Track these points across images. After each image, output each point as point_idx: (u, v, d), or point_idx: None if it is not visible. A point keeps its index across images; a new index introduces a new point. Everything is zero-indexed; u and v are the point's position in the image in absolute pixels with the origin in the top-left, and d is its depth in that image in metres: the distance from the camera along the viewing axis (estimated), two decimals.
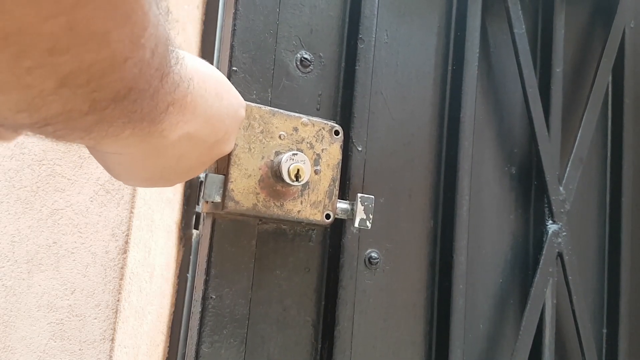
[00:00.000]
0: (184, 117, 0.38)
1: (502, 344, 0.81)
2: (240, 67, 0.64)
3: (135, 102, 0.30)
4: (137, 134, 0.34)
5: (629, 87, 0.95)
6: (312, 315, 0.68)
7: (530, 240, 0.85)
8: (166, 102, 0.34)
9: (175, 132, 0.38)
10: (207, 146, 0.44)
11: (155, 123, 0.35)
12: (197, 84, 0.39)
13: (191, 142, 0.42)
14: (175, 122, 0.37)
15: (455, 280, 0.74)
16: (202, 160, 0.46)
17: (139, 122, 0.33)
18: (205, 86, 0.42)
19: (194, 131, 0.41)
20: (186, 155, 0.43)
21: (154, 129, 0.36)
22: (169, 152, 0.41)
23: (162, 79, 0.32)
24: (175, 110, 0.36)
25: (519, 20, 0.82)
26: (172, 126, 0.37)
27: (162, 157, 0.41)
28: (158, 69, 0.31)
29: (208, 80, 0.42)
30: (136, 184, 0.47)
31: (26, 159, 0.82)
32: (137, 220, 0.75)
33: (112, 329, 0.72)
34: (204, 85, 0.41)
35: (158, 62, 0.31)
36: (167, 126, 0.37)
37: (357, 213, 0.63)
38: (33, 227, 0.80)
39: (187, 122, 0.39)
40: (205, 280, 0.60)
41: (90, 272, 0.76)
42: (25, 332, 0.78)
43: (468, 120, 0.77)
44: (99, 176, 0.78)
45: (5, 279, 0.81)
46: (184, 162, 0.44)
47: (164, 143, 0.38)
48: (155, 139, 0.37)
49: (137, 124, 0.33)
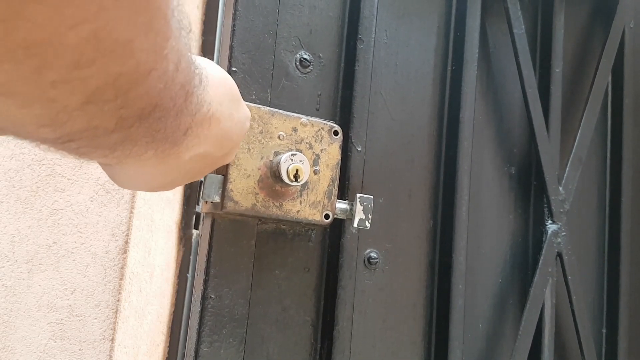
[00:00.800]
0: (199, 140, 0.38)
1: (502, 343, 0.81)
2: (239, 68, 0.64)
3: (159, 121, 0.30)
4: (158, 155, 0.34)
5: (628, 87, 0.95)
6: (312, 315, 0.68)
7: (530, 240, 0.85)
8: (187, 124, 0.34)
9: (189, 153, 0.38)
10: (214, 160, 0.44)
11: (176, 145, 0.35)
12: (215, 106, 0.39)
13: (201, 159, 0.42)
14: (192, 145, 0.37)
15: (454, 280, 0.74)
16: (205, 171, 0.46)
17: (162, 143, 0.32)
18: (222, 109, 0.41)
19: (204, 151, 0.41)
20: (194, 169, 0.43)
21: (173, 151, 0.35)
22: (180, 169, 0.40)
23: (187, 98, 0.32)
24: (193, 132, 0.36)
25: (518, 21, 0.82)
26: (188, 149, 0.37)
27: (172, 173, 0.40)
28: (182, 87, 0.31)
29: (224, 102, 0.42)
30: (137, 190, 0.47)
31: (26, 159, 0.82)
32: (137, 220, 0.75)
33: (112, 329, 0.72)
34: (221, 108, 0.41)
35: (182, 78, 0.30)
36: (184, 149, 0.36)
37: (356, 213, 0.63)
38: (33, 227, 0.80)
39: (201, 144, 0.39)
40: (205, 280, 0.61)
41: (90, 272, 0.76)
42: (25, 332, 0.78)
43: (467, 121, 0.77)
44: (99, 176, 0.78)
45: (5, 279, 0.81)
46: (190, 175, 0.44)
47: (177, 163, 0.38)
48: (172, 159, 0.37)
49: (160, 144, 0.33)
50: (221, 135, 0.42)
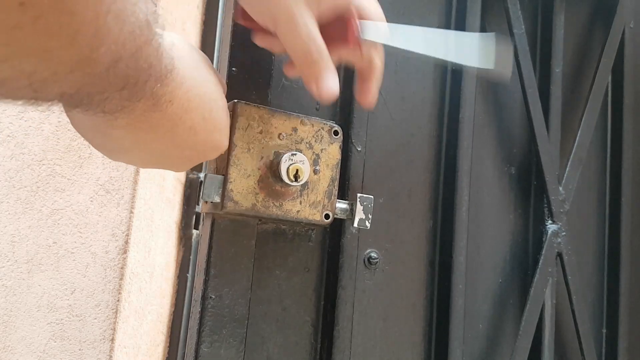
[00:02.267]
0: (177, 101, 0.40)
1: (502, 343, 0.81)
2: (239, 67, 0.64)
3: (115, 66, 0.31)
4: (137, 113, 0.37)
5: (628, 87, 0.95)
6: (312, 315, 0.68)
7: (530, 240, 0.85)
8: (152, 74, 0.36)
9: (172, 117, 0.41)
10: (204, 137, 0.46)
11: (152, 102, 0.37)
12: (185, 65, 0.41)
13: (188, 130, 0.44)
14: (170, 106, 0.40)
15: (454, 280, 0.74)
16: (198, 150, 0.47)
17: (133, 96, 0.35)
18: (194, 72, 0.43)
19: (189, 121, 0.43)
20: (185, 143, 0.45)
21: (152, 110, 0.38)
22: (169, 139, 0.43)
23: (142, 44, 0.33)
24: (166, 91, 0.38)
25: (518, 21, 0.82)
26: (167, 110, 0.40)
27: (160, 142, 0.43)
28: (132, 33, 0.31)
29: (195, 65, 0.44)
30: (133, 163, 0.48)
31: (26, 159, 0.82)
32: (137, 221, 0.75)
33: (112, 329, 0.72)
34: (192, 71, 0.43)
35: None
36: (163, 110, 0.39)
37: (356, 213, 0.63)
38: (33, 227, 0.80)
39: (182, 108, 0.41)
40: (205, 280, 0.61)
41: (90, 272, 0.76)
42: (25, 332, 0.78)
43: (467, 120, 0.77)
44: (99, 176, 0.78)
45: (5, 279, 0.81)
46: (182, 150, 0.46)
47: (162, 128, 0.41)
48: (155, 121, 0.40)
49: (131, 97, 0.35)
50: (201, 102, 0.44)
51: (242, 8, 0.54)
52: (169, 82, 0.39)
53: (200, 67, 0.45)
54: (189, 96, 0.42)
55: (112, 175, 0.76)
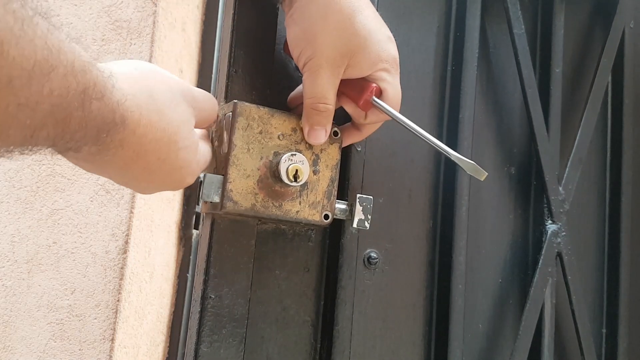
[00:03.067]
0: (122, 141, 0.42)
1: (502, 343, 0.81)
2: (240, 68, 0.64)
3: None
4: (87, 154, 0.40)
5: (628, 87, 0.95)
6: (311, 315, 0.68)
7: (530, 240, 0.85)
8: (91, 122, 0.37)
9: (120, 153, 0.43)
10: (164, 166, 0.47)
11: (98, 145, 0.40)
12: (132, 104, 0.42)
13: (141, 165, 0.45)
14: (115, 145, 0.41)
15: (454, 280, 0.74)
16: (160, 178, 0.49)
17: (75, 142, 0.38)
18: (144, 107, 0.44)
19: (139, 153, 0.44)
20: (142, 173, 0.46)
21: (98, 149, 0.41)
22: (121, 169, 0.45)
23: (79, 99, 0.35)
24: (111, 132, 0.40)
25: (518, 21, 0.82)
26: (113, 148, 0.41)
27: (116, 172, 0.45)
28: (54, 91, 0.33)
29: (144, 99, 0.44)
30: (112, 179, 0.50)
31: (26, 159, 0.82)
32: (137, 220, 0.75)
33: (112, 329, 0.72)
34: (143, 107, 0.44)
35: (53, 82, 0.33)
36: (108, 147, 0.41)
37: (355, 213, 0.63)
38: (33, 227, 0.80)
39: (128, 144, 0.43)
40: (204, 280, 0.61)
41: (90, 272, 0.76)
42: (25, 332, 0.78)
43: (467, 121, 0.77)
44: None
45: (5, 279, 0.81)
46: (142, 177, 0.47)
47: (111, 162, 0.43)
48: (103, 157, 0.42)
49: (75, 144, 0.38)
50: (157, 145, 0.45)
51: (286, 41, 0.59)
52: (117, 132, 0.40)
53: (162, 110, 0.46)
54: (142, 141, 0.43)
55: None
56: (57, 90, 0.33)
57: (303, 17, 0.55)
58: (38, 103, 0.32)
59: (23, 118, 0.32)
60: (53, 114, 0.33)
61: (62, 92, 0.33)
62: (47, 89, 0.32)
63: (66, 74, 0.33)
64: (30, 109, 0.32)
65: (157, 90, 0.45)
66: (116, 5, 0.78)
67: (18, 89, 0.30)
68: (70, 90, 0.34)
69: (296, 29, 0.56)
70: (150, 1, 0.76)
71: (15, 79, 0.30)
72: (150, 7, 0.76)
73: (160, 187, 0.51)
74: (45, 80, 0.32)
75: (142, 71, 0.45)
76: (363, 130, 0.63)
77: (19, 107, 0.31)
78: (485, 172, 0.61)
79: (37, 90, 0.32)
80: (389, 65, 0.58)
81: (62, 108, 0.34)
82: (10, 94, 0.30)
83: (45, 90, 0.32)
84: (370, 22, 0.56)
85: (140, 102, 0.43)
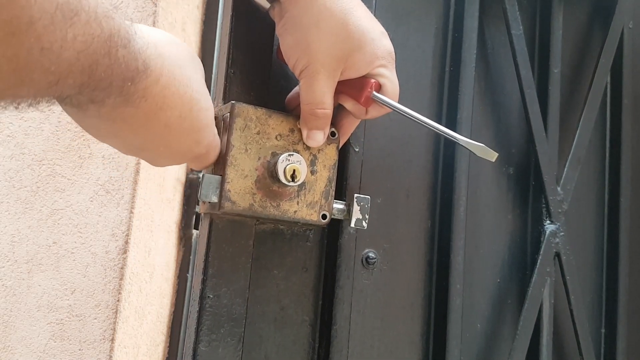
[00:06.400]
0: (151, 97, 0.42)
1: (500, 343, 0.81)
2: (238, 68, 0.64)
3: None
4: (112, 105, 0.40)
5: (627, 87, 0.95)
6: (310, 315, 0.68)
7: (528, 240, 0.85)
8: (124, 73, 0.38)
9: (145, 108, 0.42)
10: (184, 132, 0.47)
11: (126, 98, 0.40)
12: (162, 64, 0.42)
13: (164, 125, 0.45)
14: (144, 100, 0.41)
15: (452, 280, 0.74)
16: (177, 146, 0.49)
17: (105, 91, 0.38)
18: (175, 70, 0.44)
19: (165, 113, 0.44)
20: (162, 136, 0.46)
21: (125, 103, 0.40)
22: (144, 130, 0.45)
23: (111, 46, 0.36)
24: (140, 87, 0.40)
25: (516, 21, 0.82)
26: (141, 103, 0.41)
27: (138, 133, 0.45)
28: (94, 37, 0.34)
29: (176, 64, 0.45)
30: (116, 147, 0.50)
31: (26, 159, 0.83)
32: (137, 221, 0.75)
33: (112, 329, 0.72)
34: (173, 69, 0.44)
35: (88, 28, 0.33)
36: (137, 102, 0.41)
37: (353, 213, 0.63)
38: (33, 227, 0.81)
39: (156, 103, 0.43)
40: (203, 279, 0.61)
41: (90, 272, 0.76)
42: (25, 332, 0.78)
43: (465, 121, 0.77)
44: (99, 176, 0.78)
45: (5, 279, 0.82)
46: (161, 142, 0.47)
47: (137, 118, 0.43)
48: (129, 112, 0.42)
49: (104, 93, 0.38)
50: (179, 101, 0.45)
51: (279, 48, 0.60)
52: (141, 80, 0.40)
53: (184, 66, 0.46)
54: (165, 94, 0.43)
55: (112, 175, 0.77)
56: (81, 36, 0.33)
57: (295, 26, 0.55)
58: (63, 49, 0.32)
59: (47, 64, 0.32)
60: (79, 61, 0.33)
61: (87, 38, 0.33)
62: (71, 35, 0.32)
63: (89, 20, 0.33)
64: (55, 55, 0.32)
65: (177, 48, 0.46)
66: (116, 6, 0.79)
67: (41, 33, 0.30)
68: (95, 37, 0.34)
69: (290, 38, 0.56)
70: (150, 1, 0.77)
71: (36, 21, 0.30)
72: (150, 7, 0.77)
73: (174, 154, 0.51)
74: (68, 25, 0.32)
75: (162, 31, 0.46)
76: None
77: (42, 52, 0.31)
78: (495, 152, 0.61)
79: (61, 36, 0.32)
80: (386, 60, 0.59)
81: (88, 55, 0.34)
82: (32, 36, 0.30)
83: (69, 35, 0.32)
84: (362, 21, 0.56)
85: (161, 52, 0.43)
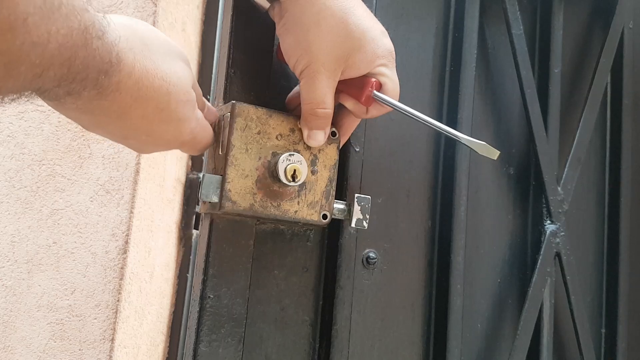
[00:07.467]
0: (119, 87, 0.43)
1: (500, 343, 0.81)
2: (238, 68, 0.64)
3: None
4: (86, 98, 0.41)
5: (627, 87, 0.95)
6: (310, 315, 0.68)
7: (529, 240, 0.85)
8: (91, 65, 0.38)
9: (119, 99, 0.43)
10: (161, 119, 0.48)
11: (97, 89, 0.41)
12: (128, 52, 0.43)
13: (141, 112, 0.46)
14: (115, 90, 0.42)
15: (453, 280, 0.74)
16: (159, 132, 0.49)
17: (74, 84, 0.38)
18: (139, 56, 0.44)
19: (136, 102, 0.45)
20: (141, 124, 0.47)
21: (98, 95, 0.41)
22: (123, 120, 0.45)
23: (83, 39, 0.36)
24: (108, 79, 0.41)
25: (517, 21, 0.82)
26: (112, 94, 0.42)
27: (117, 123, 0.46)
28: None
29: (141, 49, 0.45)
30: (104, 136, 0.50)
31: (26, 159, 0.83)
32: (137, 221, 0.75)
33: (112, 329, 0.72)
34: (137, 55, 0.44)
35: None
36: (109, 93, 0.42)
37: (353, 213, 0.63)
38: (33, 227, 0.81)
39: (127, 92, 0.43)
40: (203, 280, 0.61)
41: (90, 272, 0.76)
42: (25, 332, 0.78)
43: (466, 121, 0.77)
44: (99, 176, 0.78)
45: (5, 279, 0.81)
46: (141, 130, 0.48)
47: (113, 110, 0.44)
48: (105, 104, 0.43)
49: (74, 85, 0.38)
50: (155, 93, 0.45)
51: (279, 48, 0.60)
52: (114, 73, 0.41)
53: (159, 61, 0.46)
54: (139, 86, 0.44)
55: (112, 175, 0.77)
56: (62, 29, 0.34)
57: (296, 26, 0.55)
58: (48, 42, 0.33)
59: (34, 57, 0.33)
60: (60, 53, 0.35)
61: (67, 31, 0.35)
62: (54, 28, 0.34)
63: (68, 13, 0.35)
64: (41, 48, 0.33)
65: (151, 41, 0.46)
66: (116, 6, 0.79)
67: (32, 27, 0.32)
68: (74, 29, 0.35)
69: (290, 38, 0.56)
70: (150, 1, 0.77)
71: (30, 16, 0.31)
72: (150, 7, 0.76)
73: (158, 142, 0.51)
74: (53, 18, 0.33)
75: (136, 22, 0.47)
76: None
77: (32, 45, 0.32)
78: (497, 150, 0.61)
79: (47, 29, 0.33)
80: (386, 60, 0.59)
81: (68, 47, 0.35)
82: (25, 32, 0.31)
83: (53, 28, 0.34)
84: (363, 21, 0.56)
85: (132, 46, 0.44)
